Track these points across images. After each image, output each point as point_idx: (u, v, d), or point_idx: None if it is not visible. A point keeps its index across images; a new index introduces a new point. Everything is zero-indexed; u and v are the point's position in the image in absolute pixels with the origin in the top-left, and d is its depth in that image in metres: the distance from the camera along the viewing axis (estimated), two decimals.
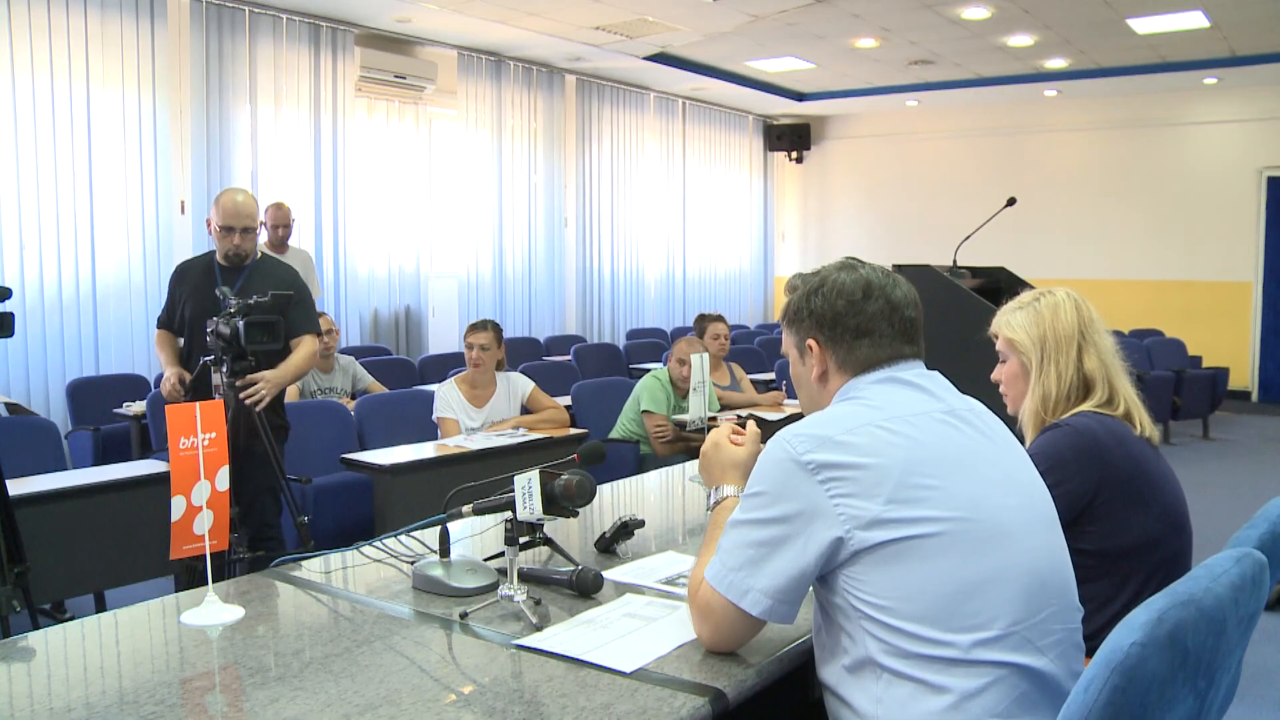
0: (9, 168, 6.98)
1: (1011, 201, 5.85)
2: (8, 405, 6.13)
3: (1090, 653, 1.53)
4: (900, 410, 1.77)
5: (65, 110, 7.24)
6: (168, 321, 4.64)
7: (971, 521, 1.67)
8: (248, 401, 4.08)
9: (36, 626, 3.53)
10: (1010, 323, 2.52)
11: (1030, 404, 2.46)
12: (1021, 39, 10.30)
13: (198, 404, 2.15)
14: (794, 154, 15.37)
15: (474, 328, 5.60)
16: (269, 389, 4.20)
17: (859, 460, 1.67)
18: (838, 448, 1.69)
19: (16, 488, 3.83)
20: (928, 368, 1.90)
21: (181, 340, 4.60)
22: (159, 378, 5.01)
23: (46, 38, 7.11)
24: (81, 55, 7.31)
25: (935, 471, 1.69)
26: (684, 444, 5.87)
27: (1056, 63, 11.43)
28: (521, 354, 8.92)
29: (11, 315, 3.59)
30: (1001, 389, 2.57)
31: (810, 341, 1.91)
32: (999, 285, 5.02)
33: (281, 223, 6.94)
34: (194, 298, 4.51)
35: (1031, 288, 2.67)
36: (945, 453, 1.73)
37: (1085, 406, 2.41)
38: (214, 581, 2.18)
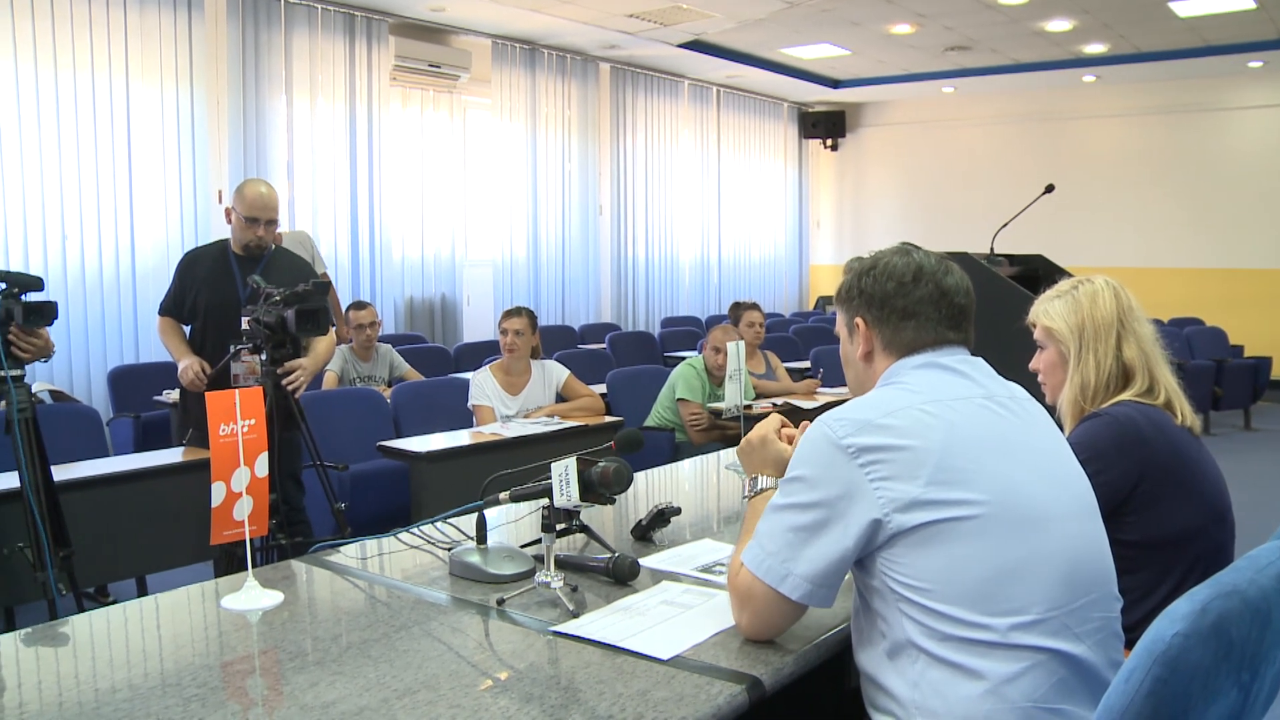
0: (52, 159, 7.06)
1: (1050, 188, 5.80)
2: (52, 393, 6.21)
3: (1131, 644, 1.51)
4: (940, 394, 1.77)
5: (106, 102, 7.32)
6: (174, 309, 4.63)
7: (1010, 505, 1.67)
8: (290, 388, 4.12)
9: (81, 609, 3.58)
10: (1048, 311, 2.49)
11: (1069, 393, 2.44)
12: (1060, 23, 10.18)
13: (237, 391, 2.17)
14: (829, 141, 15.29)
15: (508, 314, 5.61)
16: (306, 376, 4.26)
17: (898, 442, 1.68)
18: (878, 431, 1.69)
19: (61, 473, 3.87)
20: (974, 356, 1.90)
21: (189, 328, 4.62)
22: None
23: (88, 31, 7.18)
24: (121, 48, 7.38)
25: (974, 454, 1.69)
26: (719, 432, 5.86)
27: (1095, 48, 11.30)
28: (556, 342, 8.94)
29: (54, 304, 3.63)
30: (1040, 378, 2.55)
31: (858, 320, 1.92)
32: (1037, 273, 4.98)
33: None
34: (209, 286, 4.53)
35: (1070, 276, 2.64)
36: (985, 437, 1.73)
37: (1125, 396, 2.39)
38: (253, 567, 2.20)
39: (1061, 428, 2.42)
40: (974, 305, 1.91)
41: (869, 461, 1.67)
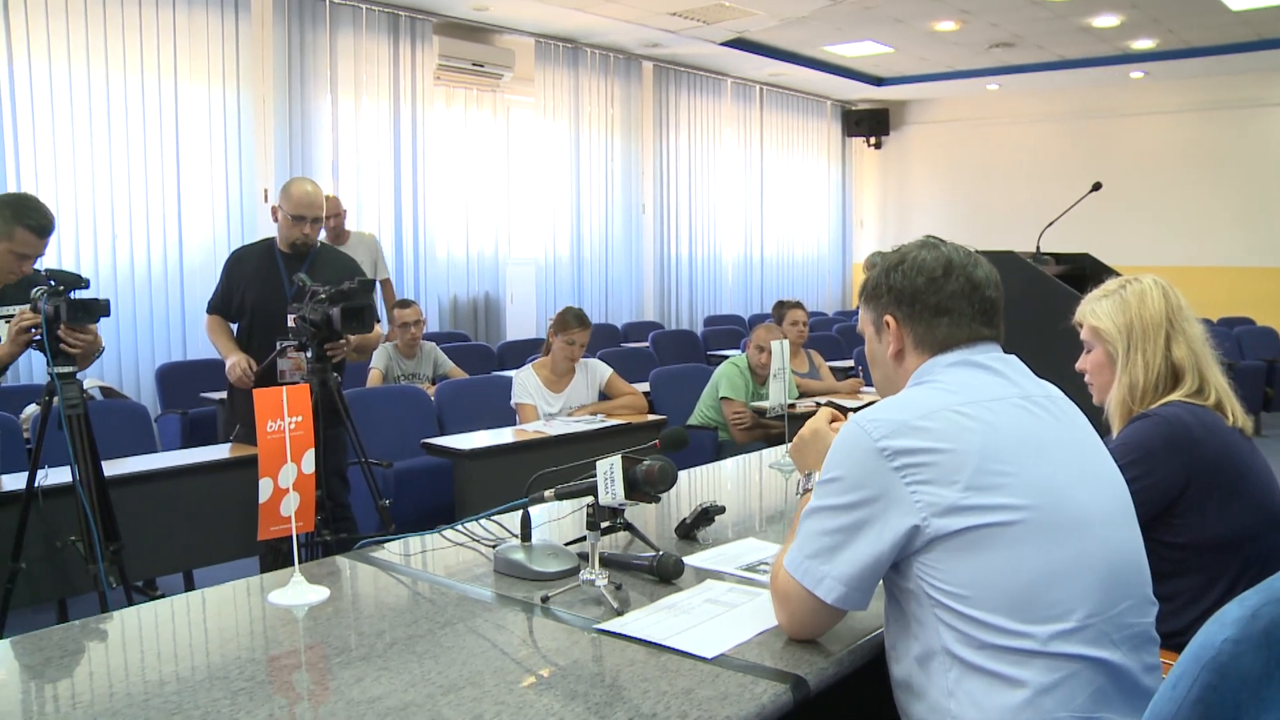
0: (103, 160, 7.17)
1: (1097, 186, 5.73)
2: (102, 389, 6.29)
3: (1179, 649, 1.48)
4: (977, 395, 1.73)
5: (155, 103, 7.41)
6: (221, 307, 4.69)
7: (1050, 509, 1.64)
8: (329, 352, 4.12)
9: (131, 602, 3.62)
10: (1096, 311, 2.45)
11: (1117, 393, 2.40)
12: (1107, 19, 10.06)
13: (284, 388, 2.19)
14: (872, 140, 15.21)
15: (579, 326, 5.54)
16: (348, 348, 4.34)
17: (936, 446, 1.64)
18: (914, 433, 1.66)
19: (110, 468, 3.92)
20: (1008, 353, 1.86)
21: (236, 325, 4.67)
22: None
23: (138, 34, 7.28)
24: (170, 50, 7.47)
25: (1013, 458, 1.66)
26: (763, 431, 5.84)
27: (1144, 43, 11.16)
28: (599, 341, 8.95)
29: (106, 301, 3.68)
30: (1087, 378, 2.51)
31: (888, 318, 1.87)
32: (1083, 272, 4.92)
33: (331, 212, 7.08)
34: (256, 284, 4.58)
35: (1117, 275, 2.60)
36: (1023, 439, 1.70)
37: (1175, 396, 2.35)
38: (299, 563, 2.22)
39: (1109, 429, 2.39)
40: (1003, 297, 1.87)
41: (905, 465, 1.64)
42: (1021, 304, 1.92)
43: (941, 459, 1.64)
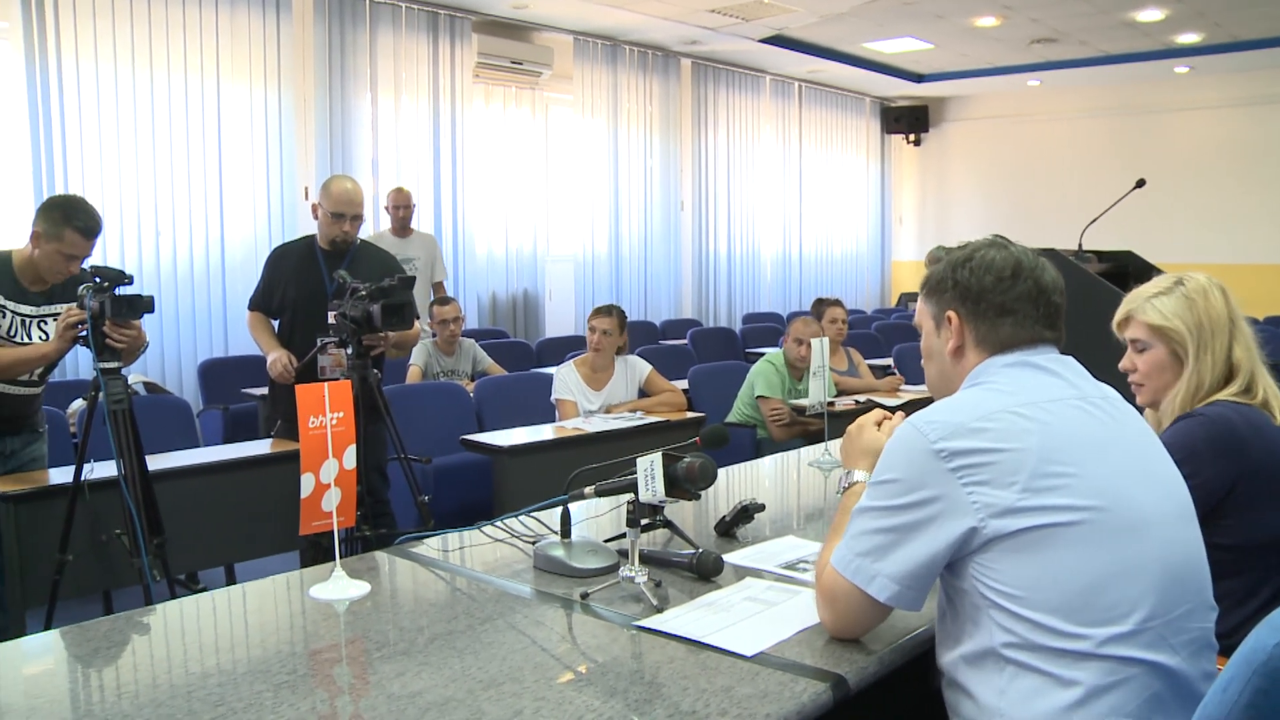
0: (146, 158, 7.24)
1: (1141, 183, 5.67)
2: (146, 384, 6.36)
3: (1226, 651, 1.46)
4: (1034, 396, 1.72)
5: (197, 102, 7.49)
6: (262, 303, 4.72)
7: (1108, 511, 1.62)
8: (367, 345, 4.14)
9: (174, 595, 3.66)
10: (1160, 309, 2.36)
11: (1182, 395, 2.32)
12: (1151, 13, 9.94)
13: (325, 384, 2.20)
14: (912, 136, 15.13)
15: (598, 312, 5.66)
16: (387, 344, 4.35)
17: (993, 447, 1.63)
18: (971, 434, 1.65)
19: (154, 463, 3.96)
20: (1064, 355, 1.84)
21: (277, 322, 4.70)
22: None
23: (181, 34, 7.35)
24: (212, 50, 7.54)
25: (1071, 459, 1.64)
26: (801, 427, 5.82)
27: (1189, 37, 11.01)
28: (638, 338, 8.95)
29: (150, 297, 3.72)
30: (1135, 379, 2.43)
31: (951, 314, 1.86)
32: (1126, 270, 4.87)
33: (402, 204, 7.18)
34: (297, 281, 4.61)
35: (1161, 273, 2.55)
36: (1081, 440, 1.68)
37: (1221, 395, 2.31)
38: (339, 558, 2.23)
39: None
40: (1066, 303, 1.86)
41: (962, 466, 1.63)
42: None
43: (999, 460, 1.62)
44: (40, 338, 3.88)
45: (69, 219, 3.76)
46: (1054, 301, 1.83)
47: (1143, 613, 1.59)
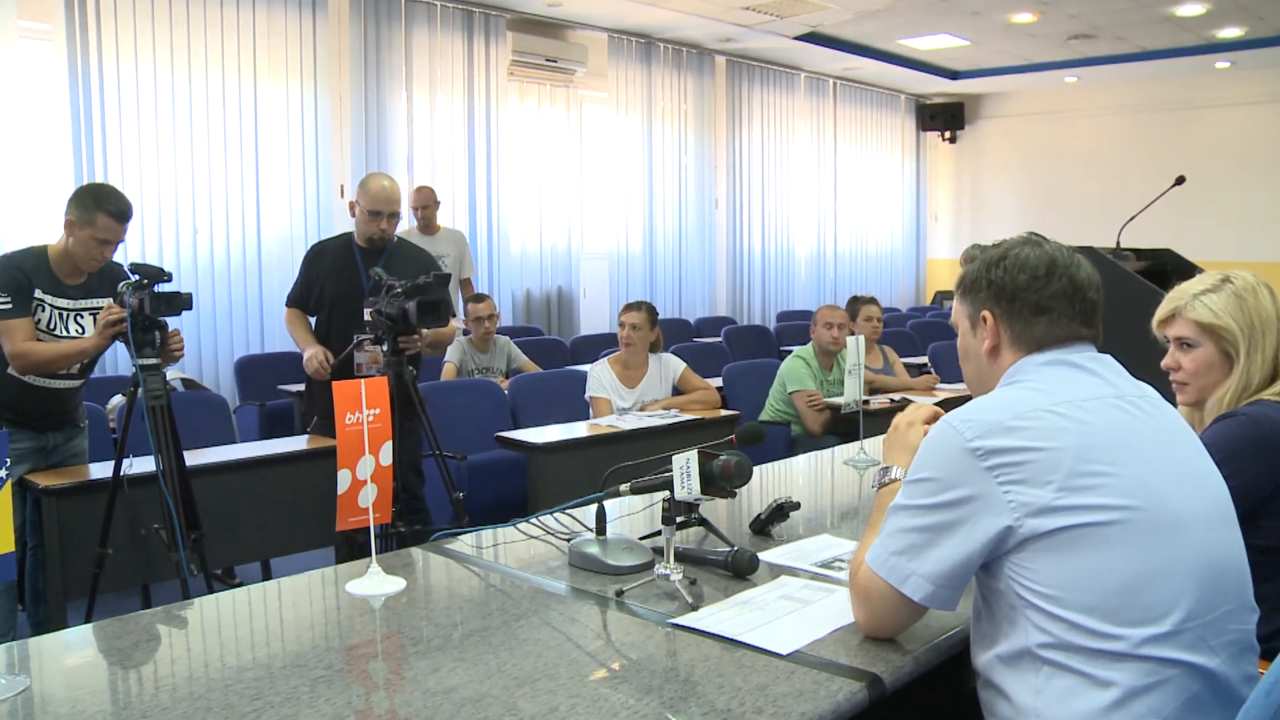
0: (185, 156, 7.30)
1: (1180, 180, 5.60)
2: (184, 380, 6.42)
3: (1268, 655, 1.44)
4: (1071, 394, 1.70)
5: (235, 101, 7.55)
6: (300, 300, 4.75)
7: (1146, 510, 1.60)
8: (403, 346, 4.16)
9: (211, 590, 3.69)
10: (1210, 306, 2.32)
11: (1229, 394, 2.29)
12: (1192, 8, 9.81)
13: (363, 380, 2.21)
14: (947, 134, 15.05)
15: (628, 307, 5.67)
16: (422, 343, 4.36)
17: (1029, 445, 1.61)
18: (1007, 433, 1.63)
19: (192, 459, 4.00)
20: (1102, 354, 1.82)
21: (314, 319, 4.73)
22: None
23: (219, 34, 7.42)
24: (250, 49, 7.60)
25: (1108, 458, 1.62)
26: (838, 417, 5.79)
27: (1230, 32, 10.86)
28: (672, 335, 8.93)
29: (189, 295, 3.76)
30: (1179, 377, 2.39)
31: (986, 313, 1.84)
32: (1165, 268, 4.81)
33: (424, 203, 7.19)
34: (334, 278, 4.63)
35: (1201, 271, 2.51)
36: (1118, 438, 1.66)
37: (1263, 395, 2.28)
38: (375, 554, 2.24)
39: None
40: (1103, 300, 1.84)
41: (998, 465, 1.62)
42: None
43: (1035, 459, 1.61)
44: (77, 331, 3.92)
45: (100, 204, 3.80)
46: (1090, 298, 1.81)
47: (1181, 613, 1.57)
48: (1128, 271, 4.37)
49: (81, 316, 3.94)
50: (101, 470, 3.93)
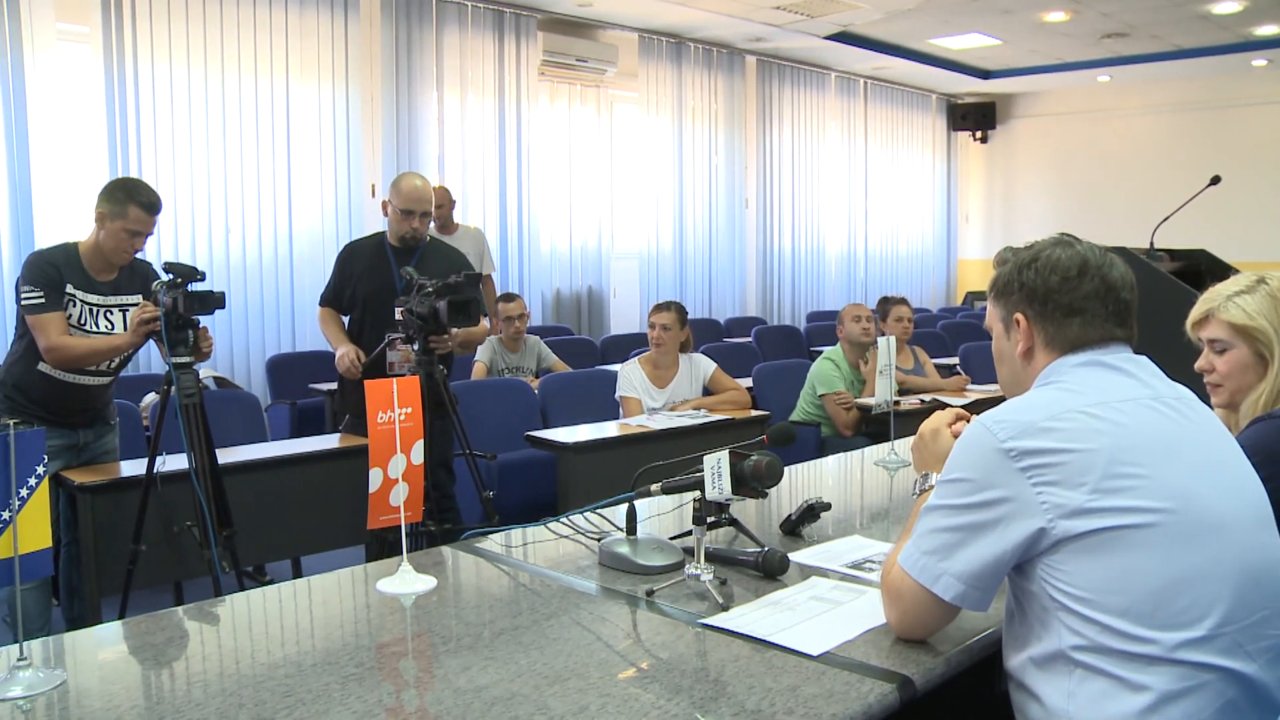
0: (218, 156, 7.37)
1: (1216, 180, 5.54)
2: (216, 379, 6.47)
3: None
4: (1106, 395, 1.68)
5: (267, 101, 7.60)
6: (333, 300, 4.78)
7: (1181, 513, 1.58)
8: (433, 345, 4.16)
9: (242, 587, 3.72)
10: (1243, 308, 2.28)
11: (1264, 397, 2.25)
12: (1228, 5, 9.72)
13: (394, 379, 2.22)
14: (979, 134, 14.97)
15: (658, 308, 5.67)
16: (453, 342, 4.38)
17: (1063, 447, 1.60)
18: (1041, 434, 1.62)
19: (224, 457, 4.03)
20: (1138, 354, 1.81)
21: (347, 318, 4.75)
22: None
23: (251, 34, 7.48)
24: (282, 49, 7.66)
25: (1143, 460, 1.60)
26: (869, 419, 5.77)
27: (1268, 29, 10.75)
28: (702, 335, 8.91)
29: (221, 294, 3.78)
30: (1213, 379, 2.36)
31: (1018, 316, 1.83)
32: (1199, 269, 4.76)
33: (438, 204, 7.18)
34: (367, 277, 4.66)
35: (1236, 272, 2.47)
36: (1154, 440, 1.64)
37: None
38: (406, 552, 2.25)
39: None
40: (1137, 300, 1.82)
41: (1031, 466, 1.60)
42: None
43: (1069, 460, 1.59)
44: (107, 327, 3.95)
45: (132, 196, 3.86)
46: (1123, 299, 1.79)
47: (1216, 618, 1.55)
48: (1162, 273, 4.33)
49: (111, 313, 3.97)
50: (134, 468, 3.96)
